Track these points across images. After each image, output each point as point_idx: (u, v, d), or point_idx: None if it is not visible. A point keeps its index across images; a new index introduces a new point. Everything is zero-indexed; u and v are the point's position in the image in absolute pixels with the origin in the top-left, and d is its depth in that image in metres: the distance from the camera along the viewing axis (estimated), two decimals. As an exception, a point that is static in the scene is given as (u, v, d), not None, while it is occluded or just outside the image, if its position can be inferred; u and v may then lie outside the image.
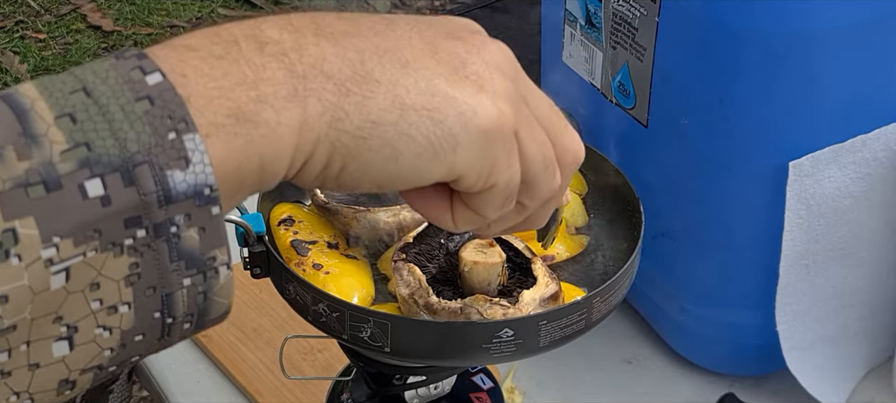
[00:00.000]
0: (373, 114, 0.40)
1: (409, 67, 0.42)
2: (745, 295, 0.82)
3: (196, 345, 0.93)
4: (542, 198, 0.47)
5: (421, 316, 0.57)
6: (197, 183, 0.36)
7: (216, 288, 0.39)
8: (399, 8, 3.11)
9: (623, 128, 0.83)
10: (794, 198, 0.75)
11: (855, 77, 0.73)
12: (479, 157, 0.43)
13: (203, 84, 0.37)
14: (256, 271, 0.60)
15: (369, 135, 0.40)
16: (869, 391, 0.85)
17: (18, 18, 3.03)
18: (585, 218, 0.69)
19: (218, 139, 0.37)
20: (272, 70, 0.39)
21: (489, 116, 0.42)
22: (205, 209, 0.37)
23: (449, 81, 0.42)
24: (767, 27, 0.70)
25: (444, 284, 0.60)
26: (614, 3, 0.80)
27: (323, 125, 0.40)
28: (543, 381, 0.88)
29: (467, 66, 0.43)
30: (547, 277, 0.59)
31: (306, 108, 0.39)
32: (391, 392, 0.67)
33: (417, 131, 0.41)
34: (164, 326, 0.38)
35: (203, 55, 0.38)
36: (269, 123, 0.38)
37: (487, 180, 0.44)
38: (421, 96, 0.41)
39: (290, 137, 0.39)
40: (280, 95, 0.39)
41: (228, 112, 0.37)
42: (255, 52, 0.39)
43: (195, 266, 0.37)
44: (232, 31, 0.40)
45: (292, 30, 0.40)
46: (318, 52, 0.40)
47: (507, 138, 0.43)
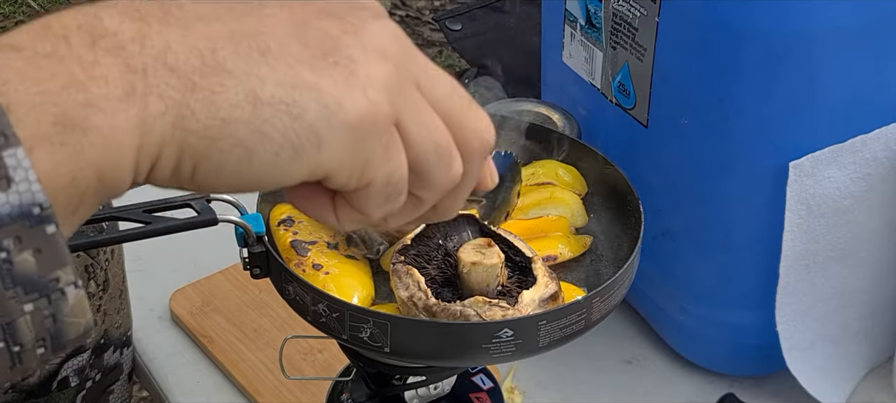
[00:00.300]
0: (222, 111, 0.36)
1: (269, 55, 0.37)
2: (745, 295, 0.82)
3: (196, 345, 0.93)
4: (441, 188, 0.42)
5: (420, 318, 0.57)
6: (22, 203, 0.32)
7: (66, 309, 0.35)
8: (399, 8, 3.11)
9: (623, 128, 0.83)
10: (794, 198, 0.75)
11: (855, 77, 0.73)
12: (349, 154, 0.38)
13: (25, 89, 0.33)
14: (256, 271, 0.60)
15: (219, 134, 0.36)
16: (869, 391, 0.85)
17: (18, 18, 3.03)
18: (585, 218, 0.69)
19: (44, 151, 0.33)
20: (105, 66, 0.35)
21: (357, 108, 0.38)
22: (37, 229, 0.33)
23: (314, 69, 0.38)
24: (767, 27, 0.70)
25: (443, 286, 0.59)
26: (614, 3, 0.80)
27: (166, 125, 0.36)
28: (543, 381, 0.88)
29: (340, 49, 0.38)
30: (547, 277, 0.59)
31: (146, 108, 0.35)
32: (391, 393, 0.67)
33: (273, 128, 0.37)
34: (13, 355, 0.35)
35: (28, 55, 0.34)
36: (100, 129, 0.34)
37: (361, 178, 0.40)
38: (278, 88, 0.37)
39: (128, 142, 0.35)
40: (113, 96, 0.35)
41: (54, 120, 0.33)
42: (86, 48, 0.35)
43: (36, 290, 0.34)
44: (65, 22, 0.35)
45: (136, 17, 0.36)
46: (162, 42, 0.36)
47: (381, 131, 0.39)
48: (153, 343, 0.93)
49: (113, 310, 0.86)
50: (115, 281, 0.86)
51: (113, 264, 0.86)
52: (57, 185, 0.34)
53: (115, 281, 0.86)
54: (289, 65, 0.37)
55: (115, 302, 0.87)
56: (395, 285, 0.59)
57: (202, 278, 0.98)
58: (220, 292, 0.97)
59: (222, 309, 0.95)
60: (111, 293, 0.86)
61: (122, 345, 0.89)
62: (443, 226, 0.62)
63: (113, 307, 0.86)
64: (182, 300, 0.96)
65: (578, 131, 0.87)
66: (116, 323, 0.87)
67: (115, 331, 0.87)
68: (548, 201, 0.68)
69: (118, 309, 0.87)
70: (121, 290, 0.88)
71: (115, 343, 0.87)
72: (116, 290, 0.87)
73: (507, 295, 0.58)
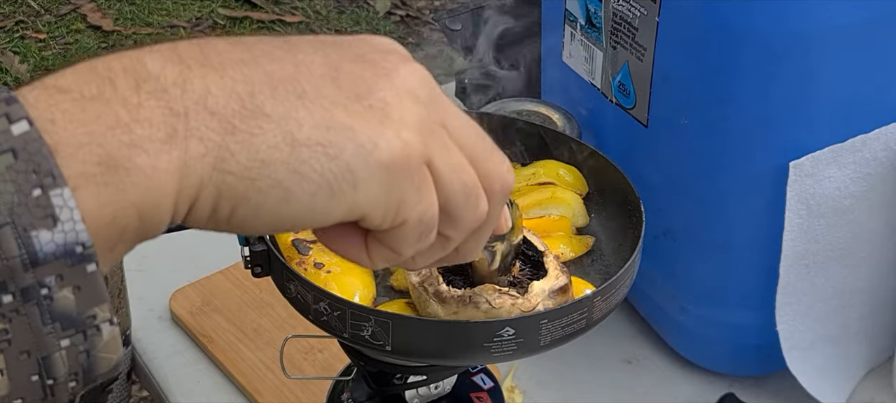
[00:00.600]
0: (261, 153, 0.37)
1: (306, 98, 0.38)
2: (745, 295, 0.82)
3: (196, 345, 0.93)
4: (468, 228, 0.43)
5: (430, 303, 0.57)
6: (67, 242, 0.33)
7: (100, 345, 0.36)
8: (399, 8, 3.11)
9: (623, 128, 0.83)
10: (794, 198, 0.75)
11: (855, 77, 0.73)
12: (384, 194, 0.39)
13: (72, 130, 0.34)
14: (257, 270, 0.60)
15: (258, 175, 0.37)
16: (869, 391, 0.85)
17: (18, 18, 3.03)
18: (586, 219, 0.70)
19: (88, 191, 0.34)
20: (149, 109, 0.36)
21: (392, 149, 0.39)
22: (78, 267, 0.34)
23: (349, 111, 0.38)
24: (767, 27, 0.70)
25: (454, 273, 0.59)
26: (614, 3, 0.80)
27: (206, 167, 0.37)
28: (543, 381, 0.88)
29: (373, 92, 0.39)
30: (558, 270, 0.59)
31: (187, 150, 0.36)
32: (392, 392, 0.67)
33: (311, 169, 0.38)
34: (46, 388, 0.36)
35: (75, 97, 0.35)
36: (143, 170, 0.35)
37: (396, 217, 0.40)
38: (315, 130, 0.38)
39: (169, 183, 0.36)
40: (156, 137, 0.36)
41: (99, 160, 0.34)
42: (132, 91, 0.36)
43: (73, 326, 0.35)
44: (110, 65, 0.36)
45: (177, 61, 0.37)
46: (203, 86, 0.37)
47: (414, 171, 0.40)
48: (153, 342, 0.93)
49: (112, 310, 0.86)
50: (114, 281, 0.86)
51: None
52: (99, 224, 0.35)
53: (114, 280, 0.86)
54: (324, 107, 0.38)
55: (114, 301, 0.87)
56: (407, 272, 0.59)
57: (202, 278, 0.98)
58: (220, 292, 0.97)
59: (222, 308, 0.95)
60: (110, 292, 0.86)
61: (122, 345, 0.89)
62: None
63: (112, 306, 0.86)
64: (182, 300, 0.96)
65: (578, 131, 0.87)
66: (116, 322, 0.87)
67: (116, 331, 0.87)
68: (549, 201, 0.68)
69: (117, 308, 0.87)
70: (120, 290, 0.88)
71: (115, 342, 0.87)
72: (116, 290, 0.87)
73: (515, 285, 0.58)
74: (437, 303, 0.57)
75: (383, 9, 3.09)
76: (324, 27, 2.98)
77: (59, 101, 0.35)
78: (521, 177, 0.71)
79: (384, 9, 3.09)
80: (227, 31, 2.95)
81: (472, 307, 0.56)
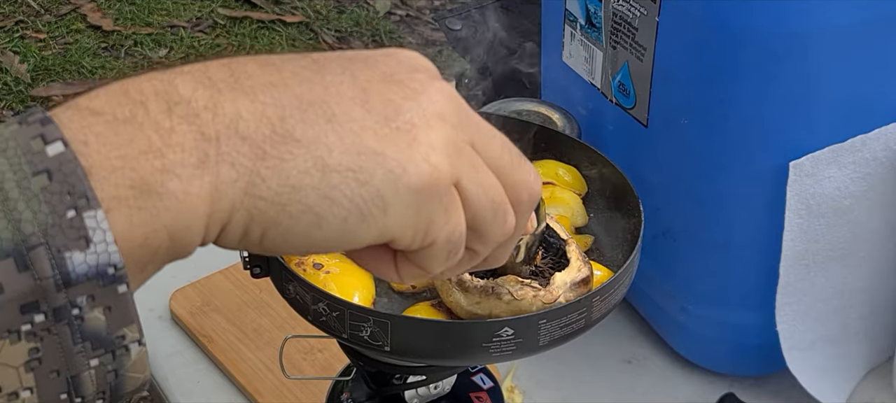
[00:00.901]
0: (292, 178, 0.37)
1: (335, 122, 0.38)
2: (745, 295, 0.82)
3: (196, 345, 0.93)
4: (496, 242, 0.44)
5: (453, 292, 0.57)
6: (99, 263, 0.34)
7: (127, 365, 0.37)
8: (399, 8, 3.11)
9: (623, 128, 0.83)
10: (794, 198, 0.75)
11: (854, 77, 0.73)
12: (413, 217, 0.40)
13: (105, 153, 0.35)
14: (256, 271, 0.60)
15: (289, 200, 0.38)
16: (869, 391, 0.85)
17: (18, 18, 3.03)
18: (585, 218, 0.69)
19: (121, 213, 0.35)
20: (181, 134, 0.36)
21: (421, 174, 0.39)
22: (110, 288, 0.35)
23: (378, 136, 0.39)
24: (767, 27, 0.70)
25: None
26: (614, 3, 0.80)
27: (237, 192, 0.37)
28: (543, 380, 0.88)
29: (401, 114, 0.39)
30: (580, 261, 0.59)
31: (219, 175, 0.37)
32: (391, 392, 0.67)
33: (341, 194, 0.38)
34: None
35: (108, 119, 0.35)
36: (175, 194, 0.36)
37: (425, 239, 0.41)
38: (345, 155, 0.38)
39: (201, 207, 0.36)
40: (188, 162, 0.36)
41: (132, 183, 0.35)
42: (164, 115, 0.36)
43: (102, 346, 0.35)
44: (142, 87, 0.37)
45: (208, 84, 0.37)
46: (234, 111, 0.37)
47: (443, 194, 0.40)
48: (153, 343, 0.93)
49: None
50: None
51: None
52: (131, 245, 0.35)
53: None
54: (354, 131, 0.38)
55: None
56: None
57: (202, 278, 0.98)
58: (220, 292, 0.97)
59: (222, 308, 0.95)
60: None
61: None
62: None
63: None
64: (182, 300, 0.96)
65: (578, 131, 0.87)
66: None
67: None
68: (548, 201, 0.68)
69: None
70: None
71: (115, 342, 0.87)
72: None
73: (539, 276, 0.58)
74: (459, 292, 0.57)
75: (383, 9, 3.09)
76: (324, 27, 2.98)
77: (92, 124, 0.35)
78: (520, 177, 0.71)
79: (384, 9, 3.09)
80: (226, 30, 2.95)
81: (494, 297, 0.56)
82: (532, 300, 0.56)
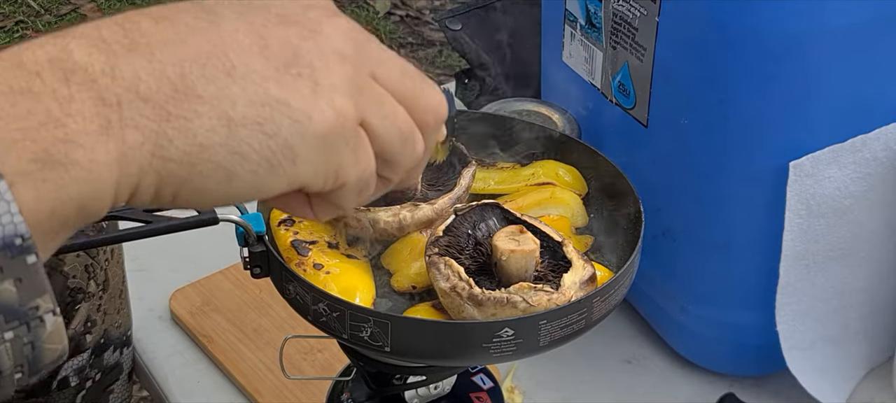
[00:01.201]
0: (199, 137, 0.37)
1: (236, 74, 0.38)
2: (745, 295, 0.82)
3: (196, 345, 0.93)
4: (406, 168, 0.45)
5: (465, 308, 0.57)
6: (5, 235, 0.33)
7: (44, 336, 0.36)
8: (399, 8, 3.11)
9: (623, 128, 0.83)
10: (794, 198, 0.75)
11: (854, 77, 0.73)
12: (322, 163, 0.40)
13: (4, 126, 0.34)
14: (256, 271, 0.60)
15: (198, 159, 0.37)
16: (869, 391, 0.85)
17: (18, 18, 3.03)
18: (585, 219, 0.69)
19: (26, 187, 0.34)
20: (80, 102, 0.35)
21: (326, 120, 0.39)
22: (18, 260, 0.34)
23: (280, 84, 0.39)
24: (767, 28, 0.70)
25: (478, 274, 0.59)
26: (614, 3, 0.80)
27: (144, 155, 0.37)
28: (543, 381, 0.88)
29: (300, 58, 0.40)
30: (581, 260, 0.59)
31: (124, 140, 0.36)
32: (391, 392, 0.67)
33: (249, 148, 0.38)
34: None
35: (3, 91, 0.35)
36: (80, 164, 0.35)
37: (336, 181, 0.41)
38: (250, 108, 0.38)
39: (108, 174, 0.36)
40: (91, 130, 0.35)
41: (34, 156, 0.34)
42: (61, 83, 0.35)
43: (16, 318, 0.35)
44: (36, 55, 0.36)
45: (103, 47, 0.37)
46: (133, 73, 0.36)
47: (349, 136, 0.41)
48: (153, 343, 0.93)
49: (113, 310, 0.86)
50: (114, 281, 0.86)
51: (113, 264, 0.86)
52: (38, 217, 0.34)
53: (114, 280, 0.86)
54: (255, 82, 0.38)
55: (114, 301, 0.87)
56: (433, 277, 0.58)
57: (202, 278, 0.98)
58: (220, 292, 0.97)
59: (222, 308, 0.95)
60: (111, 293, 0.86)
61: (122, 345, 0.89)
62: (470, 216, 0.62)
63: (113, 307, 0.86)
64: (182, 300, 0.96)
65: (578, 131, 0.87)
66: (116, 322, 0.87)
67: (115, 331, 0.87)
68: (548, 201, 0.68)
69: (118, 308, 0.87)
70: (121, 290, 0.88)
71: (114, 342, 0.87)
72: (116, 290, 0.87)
73: (543, 280, 0.58)
74: (473, 307, 0.56)
75: (383, 9, 3.09)
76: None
77: None
78: (520, 177, 0.71)
79: (384, 9, 3.09)
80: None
81: (509, 307, 0.56)
82: (547, 304, 0.56)
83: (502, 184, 0.71)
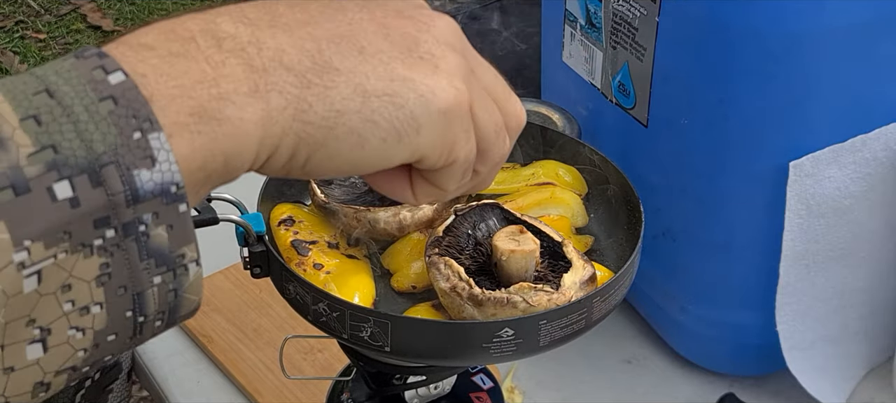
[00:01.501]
0: (336, 103, 0.41)
1: (366, 53, 0.42)
2: (745, 295, 0.82)
3: (196, 345, 0.93)
4: (494, 163, 0.48)
5: (465, 308, 0.57)
6: (163, 181, 0.36)
7: (186, 285, 0.39)
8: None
9: (623, 128, 0.83)
10: (794, 198, 0.75)
11: (854, 77, 0.73)
12: (441, 137, 0.43)
13: (163, 83, 0.37)
14: (256, 271, 0.60)
15: (335, 123, 0.41)
16: (869, 391, 0.85)
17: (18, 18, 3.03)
18: (586, 219, 0.69)
19: (182, 138, 0.37)
20: (231, 66, 0.39)
21: (447, 96, 0.43)
22: (172, 207, 0.37)
23: (405, 64, 0.43)
24: (767, 27, 0.70)
25: (478, 274, 0.59)
26: (614, 3, 0.80)
27: (287, 118, 0.40)
28: (543, 381, 0.88)
29: (420, 45, 0.43)
30: (581, 260, 0.59)
31: (269, 102, 0.39)
32: (391, 392, 0.67)
33: (381, 117, 0.42)
34: (136, 325, 0.38)
35: (161, 54, 0.38)
36: (231, 120, 0.38)
37: (448, 157, 0.45)
38: (381, 81, 0.42)
39: (253, 132, 0.39)
40: (241, 91, 0.39)
41: (191, 111, 0.37)
42: (213, 49, 0.39)
43: (165, 264, 0.37)
44: (188, 26, 0.39)
45: (247, 22, 0.40)
46: (276, 45, 0.40)
47: (464, 115, 0.44)
48: (153, 343, 0.93)
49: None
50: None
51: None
52: (190, 167, 0.38)
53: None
54: (383, 61, 0.42)
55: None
56: (433, 277, 0.58)
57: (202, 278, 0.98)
58: (220, 292, 0.97)
59: (222, 308, 0.95)
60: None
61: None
62: (470, 216, 0.62)
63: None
64: (182, 300, 0.96)
65: (578, 131, 0.87)
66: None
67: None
68: (548, 201, 0.68)
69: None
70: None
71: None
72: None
73: (543, 280, 0.58)
74: (473, 307, 0.56)
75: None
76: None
77: (146, 57, 0.38)
78: (520, 177, 0.71)
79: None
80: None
81: (509, 307, 0.56)
82: (547, 304, 0.56)
83: (502, 183, 0.71)
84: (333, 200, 0.65)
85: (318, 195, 0.66)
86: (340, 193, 0.67)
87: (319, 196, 0.66)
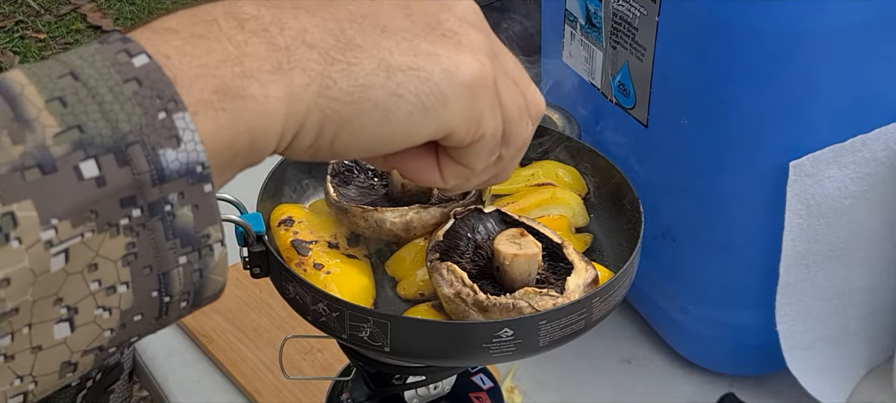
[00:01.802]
0: (361, 78, 0.41)
1: (388, 31, 0.42)
2: (746, 295, 0.82)
3: (196, 345, 0.93)
4: (517, 147, 0.48)
5: (470, 313, 0.56)
6: (189, 161, 0.36)
7: (211, 265, 0.39)
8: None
9: (623, 128, 0.83)
10: (794, 198, 0.75)
11: (854, 77, 0.73)
12: (468, 111, 0.44)
13: (187, 63, 0.37)
14: (256, 271, 0.60)
15: (360, 98, 0.41)
16: (869, 391, 0.85)
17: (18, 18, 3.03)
18: (586, 219, 0.69)
19: (206, 116, 0.37)
20: (254, 45, 0.39)
21: (472, 70, 0.43)
22: (197, 186, 0.37)
23: (428, 40, 0.43)
24: (767, 27, 0.70)
25: (480, 279, 0.59)
26: (614, 3, 0.80)
27: (311, 95, 0.40)
28: (543, 381, 0.88)
29: (442, 23, 0.44)
30: (583, 262, 0.59)
31: (293, 80, 0.39)
32: (391, 392, 0.67)
33: (407, 90, 0.42)
34: (162, 305, 0.38)
35: (184, 36, 0.38)
36: (256, 97, 0.38)
37: (476, 132, 0.45)
38: (404, 56, 0.42)
39: (278, 109, 0.39)
40: (264, 69, 0.39)
41: (215, 89, 0.38)
42: (236, 29, 0.39)
43: (190, 243, 0.38)
44: (210, 11, 0.40)
45: (269, 5, 0.41)
46: (299, 25, 0.41)
47: (490, 90, 0.44)
48: (153, 343, 0.93)
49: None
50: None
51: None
52: (216, 147, 0.38)
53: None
54: (406, 38, 0.42)
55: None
56: (436, 283, 0.58)
57: (202, 278, 0.98)
58: (219, 292, 0.97)
59: (222, 308, 0.95)
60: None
61: None
62: (468, 219, 0.62)
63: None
64: (182, 300, 0.96)
65: (578, 131, 0.87)
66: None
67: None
68: (548, 201, 0.68)
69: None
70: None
71: (115, 342, 0.87)
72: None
73: (545, 283, 0.58)
74: (477, 313, 0.56)
75: None
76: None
77: (170, 40, 0.38)
78: (520, 177, 0.71)
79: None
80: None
81: (515, 312, 0.55)
82: (552, 308, 0.56)
83: (502, 184, 0.71)
84: (345, 199, 0.65)
85: (331, 193, 0.65)
86: (356, 194, 0.66)
87: (332, 194, 0.65)
